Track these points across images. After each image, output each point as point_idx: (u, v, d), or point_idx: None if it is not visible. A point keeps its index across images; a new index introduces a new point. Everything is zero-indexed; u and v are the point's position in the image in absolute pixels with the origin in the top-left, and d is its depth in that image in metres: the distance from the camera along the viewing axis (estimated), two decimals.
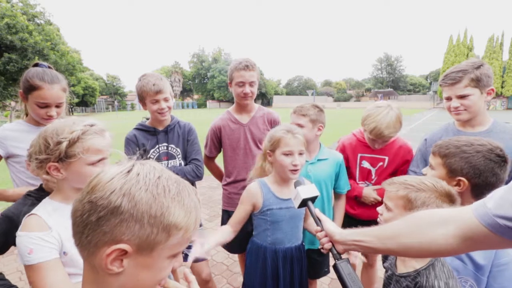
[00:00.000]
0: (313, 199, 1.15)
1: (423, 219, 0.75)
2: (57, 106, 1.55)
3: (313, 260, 1.83)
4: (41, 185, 1.27)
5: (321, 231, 1.04)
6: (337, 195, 1.91)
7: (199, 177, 1.93)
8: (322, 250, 1.04)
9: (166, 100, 1.79)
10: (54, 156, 0.96)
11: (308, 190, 1.15)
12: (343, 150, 1.98)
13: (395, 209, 1.06)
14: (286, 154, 1.41)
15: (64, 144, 0.95)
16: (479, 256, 1.06)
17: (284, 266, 1.47)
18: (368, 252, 1.02)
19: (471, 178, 1.11)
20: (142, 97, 1.79)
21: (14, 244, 1.23)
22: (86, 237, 0.52)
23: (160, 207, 0.52)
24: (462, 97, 1.49)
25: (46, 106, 1.51)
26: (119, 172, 0.54)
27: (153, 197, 0.52)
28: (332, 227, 1.01)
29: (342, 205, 1.91)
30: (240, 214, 1.48)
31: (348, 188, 1.89)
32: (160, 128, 1.90)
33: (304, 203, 1.15)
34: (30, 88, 1.48)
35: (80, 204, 0.53)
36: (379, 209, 1.17)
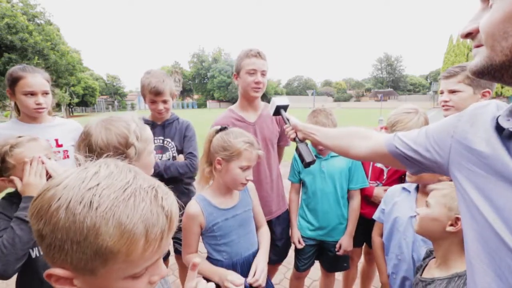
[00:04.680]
0: (285, 108, 1.45)
1: (356, 133, 1.03)
2: (44, 95, 1.59)
3: (331, 254, 1.85)
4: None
5: (289, 126, 1.35)
6: (350, 194, 1.85)
7: (191, 171, 1.88)
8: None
9: (164, 102, 1.83)
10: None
11: (281, 99, 1.45)
12: None
13: (435, 205, 1.08)
14: (243, 169, 1.30)
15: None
16: None
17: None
18: (315, 143, 1.27)
19: None
20: (143, 94, 1.86)
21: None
22: None
23: (82, 229, 0.41)
24: (452, 92, 1.48)
25: (33, 94, 1.55)
26: (42, 189, 0.45)
27: (73, 217, 0.41)
28: (296, 120, 1.35)
29: (354, 206, 1.84)
30: (193, 240, 1.35)
31: (362, 185, 1.84)
32: (158, 122, 1.93)
33: (278, 111, 1.44)
34: (15, 80, 1.53)
35: None
36: (417, 210, 1.18)
